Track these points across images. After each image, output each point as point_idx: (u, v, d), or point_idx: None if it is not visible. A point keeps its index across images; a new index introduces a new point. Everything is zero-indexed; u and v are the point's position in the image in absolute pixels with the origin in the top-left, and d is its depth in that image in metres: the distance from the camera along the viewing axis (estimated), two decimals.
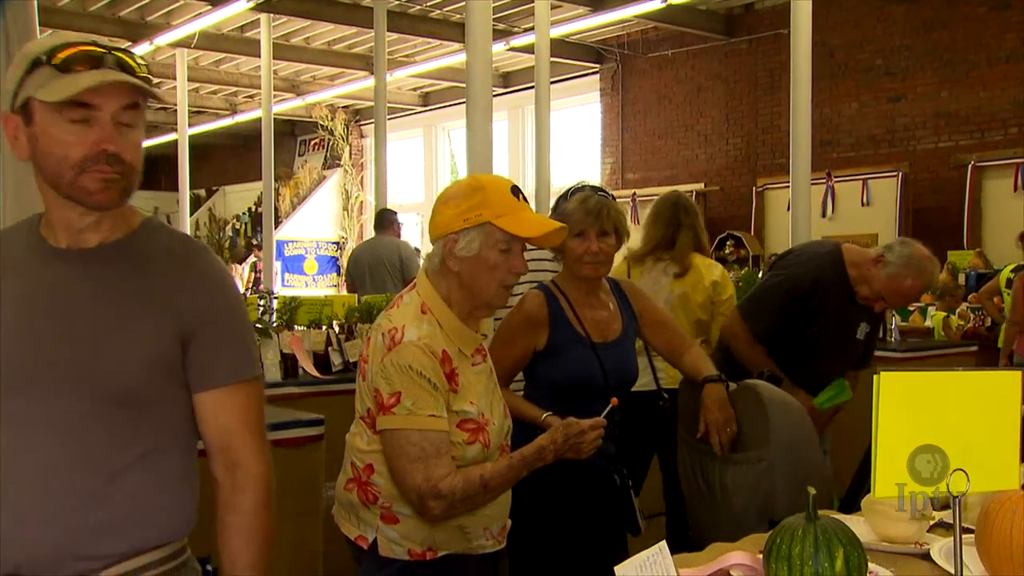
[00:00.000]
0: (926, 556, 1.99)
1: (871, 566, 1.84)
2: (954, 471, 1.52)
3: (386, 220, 8.01)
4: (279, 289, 12.72)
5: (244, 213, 18.75)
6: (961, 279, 9.27)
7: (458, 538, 2.29)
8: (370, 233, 9.60)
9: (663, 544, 1.65)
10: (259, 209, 15.98)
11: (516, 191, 2.33)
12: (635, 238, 3.62)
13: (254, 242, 16.72)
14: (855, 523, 2.17)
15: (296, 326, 4.66)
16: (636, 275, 4.24)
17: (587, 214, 2.91)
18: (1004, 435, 1.58)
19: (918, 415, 1.51)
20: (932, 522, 2.12)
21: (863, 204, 10.74)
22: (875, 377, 1.48)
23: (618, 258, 4.85)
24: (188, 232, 14.01)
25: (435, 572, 2.27)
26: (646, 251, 4.31)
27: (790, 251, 4.06)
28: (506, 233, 2.26)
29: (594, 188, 2.99)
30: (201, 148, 17.14)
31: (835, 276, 3.61)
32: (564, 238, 2.45)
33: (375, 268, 7.52)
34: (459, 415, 2.25)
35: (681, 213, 4.28)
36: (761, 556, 1.82)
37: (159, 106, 16.45)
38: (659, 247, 4.27)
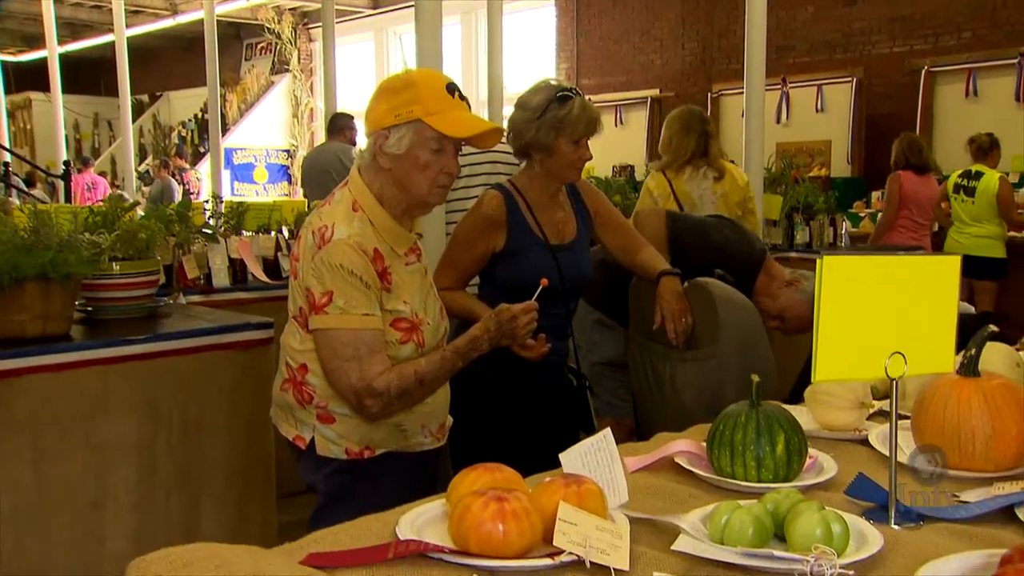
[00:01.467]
0: (864, 442, 2.04)
1: (812, 452, 1.88)
2: (892, 354, 1.53)
3: (336, 125, 7.81)
4: (228, 199, 12.46)
5: (190, 120, 18.19)
6: None
7: (395, 436, 2.30)
8: (321, 140, 9.41)
9: (607, 431, 1.67)
10: (205, 116, 15.53)
11: (452, 88, 2.26)
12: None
13: (201, 150, 16.31)
14: (798, 413, 2.21)
15: (244, 231, 4.58)
16: (679, 184, 4.76)
17: (590, 122, 2.86)
18: (941, 319, 1.60)
19: (859, 298, 1.52)
20: (872, 411, 2.17)
21: (817, 111, 10.74)
22: (818, 261, 1.48)
23: (653, 174, 4.99)
24: (131, 139, 13.61)
25: (373, 470, 2.28)
26: (684, 161, 4.79)
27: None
28: (437, 132, 2.21)
29: (570, 89, 2.92)
30: (142, 51, 16.53)
31: (741, 273, 3.43)
32: (498, 140, 2.40)
33: (323, 175, 7.35)
34: (392, 314, 2.24)
35: (706, 125, 4.87)
36: (705, 444, 1.85)
37: (92, 4, 15.80)
38: (695, 156, 4.77)
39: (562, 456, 1.66)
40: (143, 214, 3.85)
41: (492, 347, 2.34)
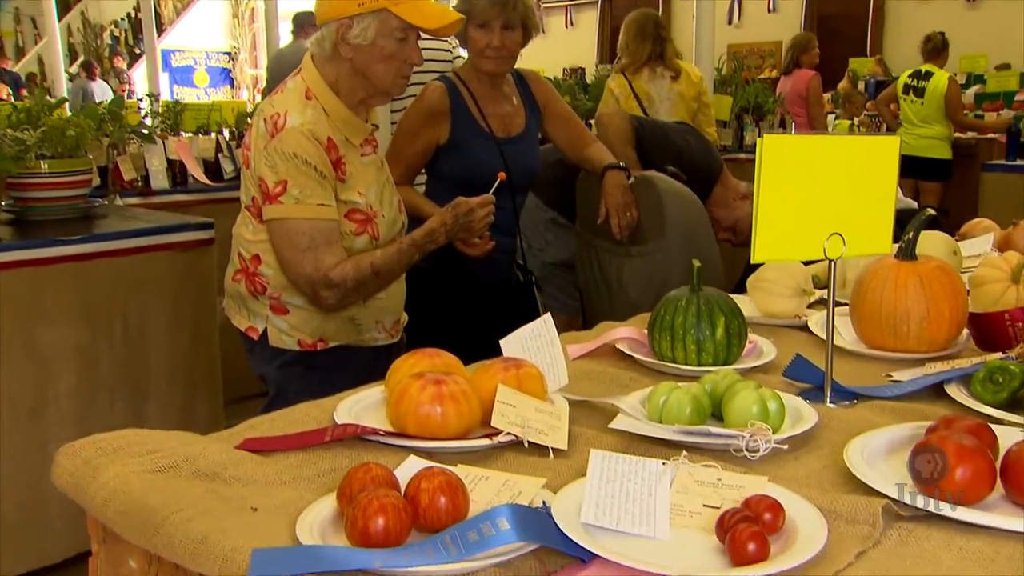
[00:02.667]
0: (804, 328, 2.06)
1: (753, 337, 1.89)
2: (831, 236, 1.53)
3: (302, 24, 7.46)
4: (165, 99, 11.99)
5: (122, 19, 17.38)
6: (861, 87, 9.38)
7: (349, 330, 2.29)
8: (264, 43, 9.09)
9: (547, 316, 1.66)
10: (139, 15, 14.83)
11: None
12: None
13: (136, 51, 15.66)
14: (741, 302, 2.23)
15: (183, 133, 4.44)
16: (639, 84, 5.02)
17: (492, 4, 2.77)
18: (880, 200, 1.59)
19: (798, 178, 1.51)
20: (812, 299, 2.18)
21: (769, 11, 10.64)
22: (758, 140, 1.46)
23: (614, 75, 5.15)
24: (59, 38, 12.95)
25: (325, 362, 2.27)
26: (642, 63, 5.05)
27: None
28: (403, 21, 2.14)
29: None
30: None
31: (698, 182, 3.44)
32: (459, 28, 2.33)
33: (284, 77, 7.09)
34: (347, 205, 2.19)
35: (661, 29, 5.13)
36: (646, 330, 1.85)
37: None
38: (651, 59, 5.04)
39: (503, 342, 1.65)
40: (72, 112, 3.71)
41: (449, 240, 2.32)
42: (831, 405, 1.58)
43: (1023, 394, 1.54)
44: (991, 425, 1.33)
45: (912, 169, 7.49)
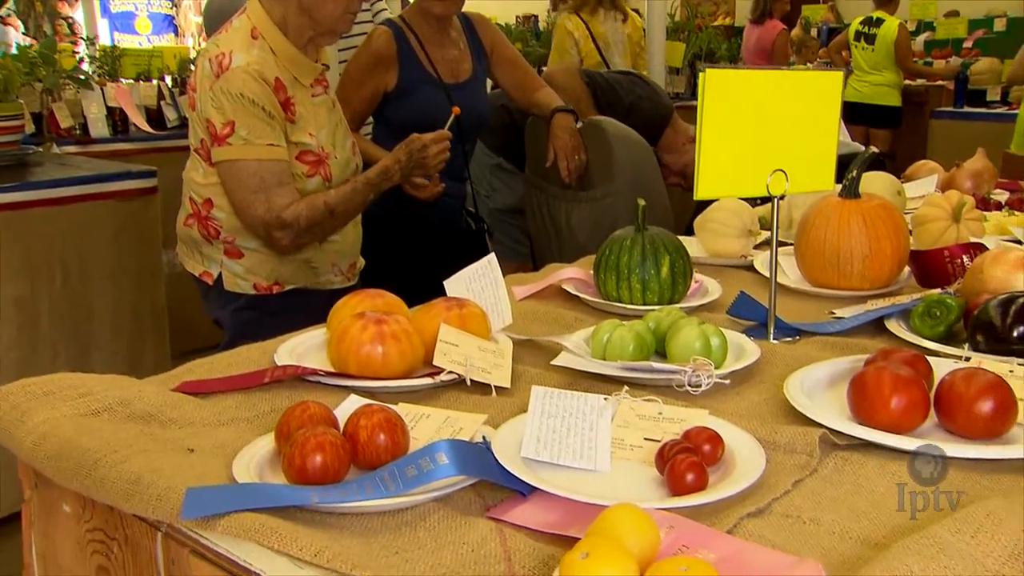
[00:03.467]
0: (750, 267, 2.07)
1: (698, 277, 1.90)
2: (774, 172, 1.53)
3: None
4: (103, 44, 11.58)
5: None
6: (814, 33, 9.40)
7: (305, 273, 2.26)
8: None
9: (492, 256, 1.64)
10: None
11: None
12: None
13: None
14: (688, 243, 2.23)
15: (123, 79, 4.31)
16: (595, 26, 5.01)
17: None
18: (823, 136, 1.59)
19: (741, 114, 1.50)
20: (759, 239, 2.19)
21: None
22: (701, 75, 1.45)
23: (569, 16, 5.08)
24: None
25: (280, 305, 2.24)
26: (595, 4, 5.04)
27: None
28: None
29: None
30: None
31: (648, 129, 3.36)
32: None
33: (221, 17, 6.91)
34: (298, 146, 2.15)
35: None
36: (592, 271, 1.84)
37: None
38: (602, 2, 5.06)
39: (447, 283, 1.63)
40: None
41: (404, 178, 2.27)
42: (774, 341, 1.60)
43: (959, 327, 1.57)
44: (928, 357, 1.35)
45: (863, 116, 7.55)
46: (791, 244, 1.99)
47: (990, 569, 0.91)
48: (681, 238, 2.10)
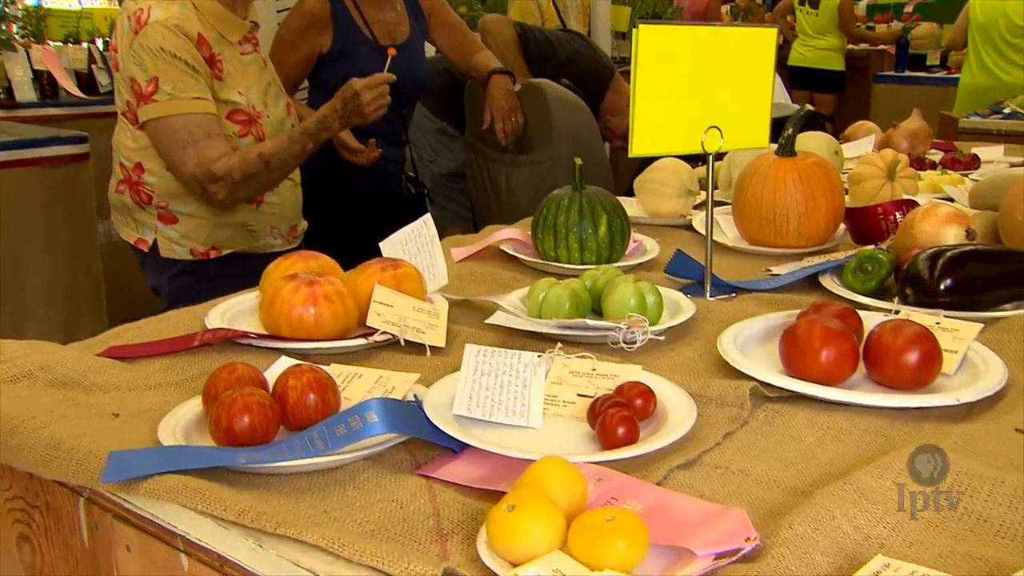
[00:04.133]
0: (689, 227, 2.07)
1: (637, 236, 1.90)
2: (708, 129, 1.53)
3: None
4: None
5: None
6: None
7: (243, 236, 2.22)
8: None
9: (427, 217, 1.63)
10: None
11: None
12: None
13: None
14: (628, 204, 2.23)
15: (50, 41, 4.17)
16: None
17: None
18: (757, 93, 1.59)
19: (675, 70, 1.49)
20: (698, 199, 2.20)
21: None
22: (634, 31, 1.44)
23: None
24: None
25: (219, 270, 2.20)
26: None
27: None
28: None
29: None
30: None
31: (588, 90, 3.36)
32: None
33: None
34: (227, 105, 2.11)
35: None
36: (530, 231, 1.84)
37: None
38: None
39: (383, 244, 1.61)
40: None
41: (344, 126, 2.20)
42: (711, 299, 1.60)
43: (891, 282, 1.59)
44: (859, 311, 1.36)
45: (807, 81, 7.61)
46: (731, 204, 2.00)
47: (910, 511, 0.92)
48: (622, 199, 2.10)
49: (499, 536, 0.83)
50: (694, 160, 2.18)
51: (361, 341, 1.34)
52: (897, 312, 1.40)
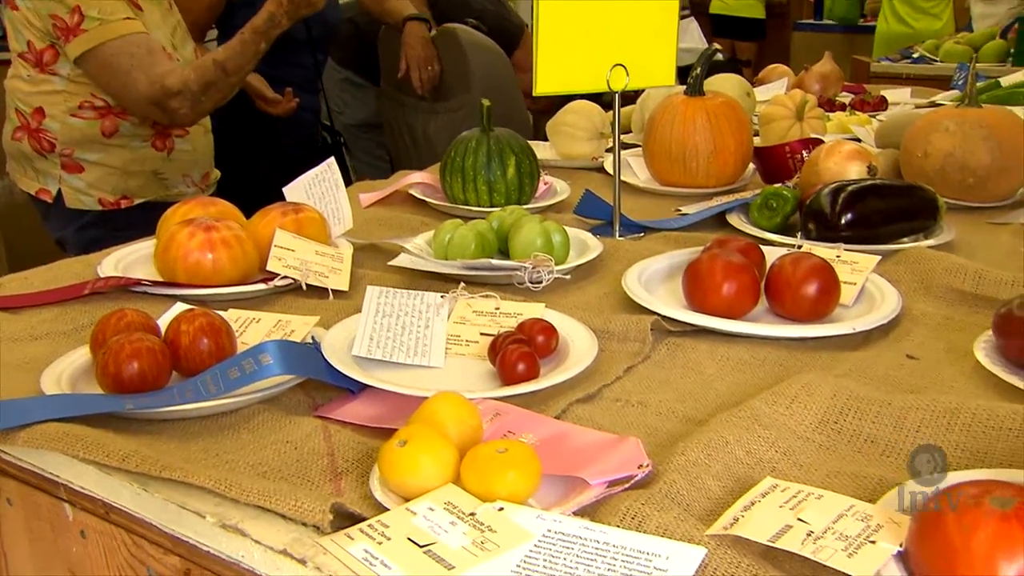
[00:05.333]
0: (601, 169, 2.07)
1: (548, 178, 1.89)
2: (614, 67, 1.52)
3: None
4: None
5: None
6: None
7: (154, 185, 2.15)
8: None
9: (331, 160, 1.59)
10: None
11: None
12: None
13: None
14: (541, 147, 2.22)
15: None
16: None
17: None
18: (662, 31, 1.58)
19: (579, 8, 1.47)
20: (611, 143, 2.19)
21: None
22: None
23: None
24: None
25: (131, 220, 2.12)
26: None
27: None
28: None
29: None
30: None
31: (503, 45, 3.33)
32: None
33: None
34: None
35: None
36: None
37: None
38: None
39: (286, 189, 1.58)
40: None
41: (292, 19, 2.08)
42: (620, 238, 1.60)
43: (796, 219, 1.61)
44: (765, 247, 1.38)
45: (729, 29, 7.66)
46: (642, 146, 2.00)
47: (801, 436, 0.94)
48: (536, 142, 2.08)
49: (391, 472, 0.82)
50: (607, 102, 2.18)
51: (261, 286, 1.31)
52: (800, 247, 1.42)
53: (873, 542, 0.72)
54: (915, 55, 4.04)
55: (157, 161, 2.12)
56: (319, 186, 1.56)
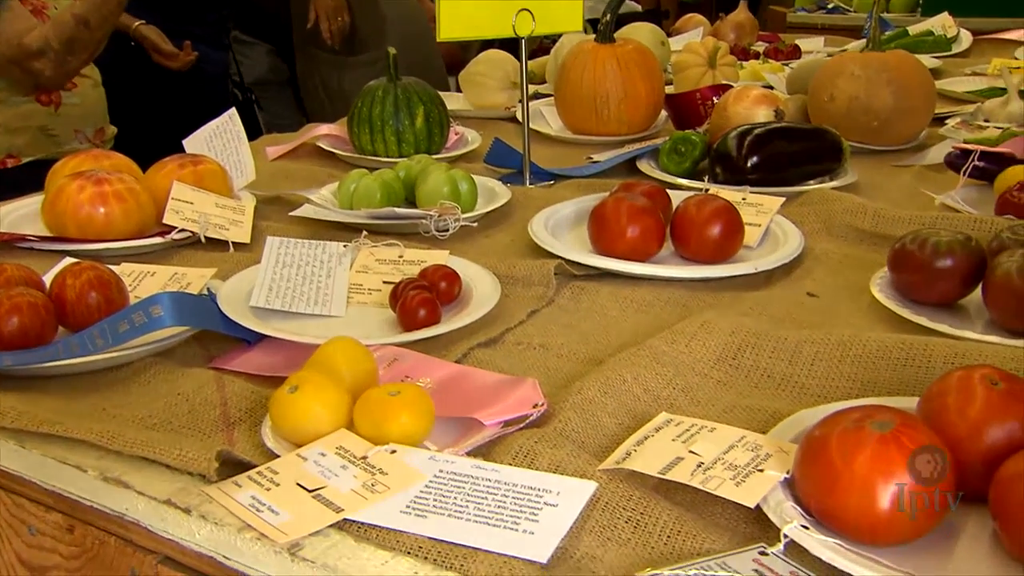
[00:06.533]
0: (514, 119, 2.05)
1: (460, 128, 1.87)
2: (519, 11, 1.49)
3: None
4: None
5: None
6: None
7: (44, 142, 2.07)
8: None
9: (232, 111, 1.55)
10: None
11: None
12: None
13: None
14: (455, 98, 2.19)
15: None
16: None
17: None
18: None
19: None
20: None
21: None
22: None
23: None
24: None
25: (18, 180, 2.03)
26: None
27: None
28: None
29: None
30: None
31: None
32: None
33: None
34: None
35: None
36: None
37: None
38: None
39: (186, 141, 1.53)
40: None
41: None
42: (530, 186, 1.59)
43: (705, 165, 1.61)
44: (673, 191, 1.38)
45: None
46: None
47: (700, 372, 0.95)
48: (450, 93, 2.06)
49: (282, 418, 0.80)
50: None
51: (158, 240, 1.27)
52: (707, 190, 1.42)
53: (761, 471, 0.73)
54: (830, 5, 4.09)
55: (43, 116, 2.04)
56: (220, 138, 1.52)
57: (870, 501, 0.66)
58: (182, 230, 1.28)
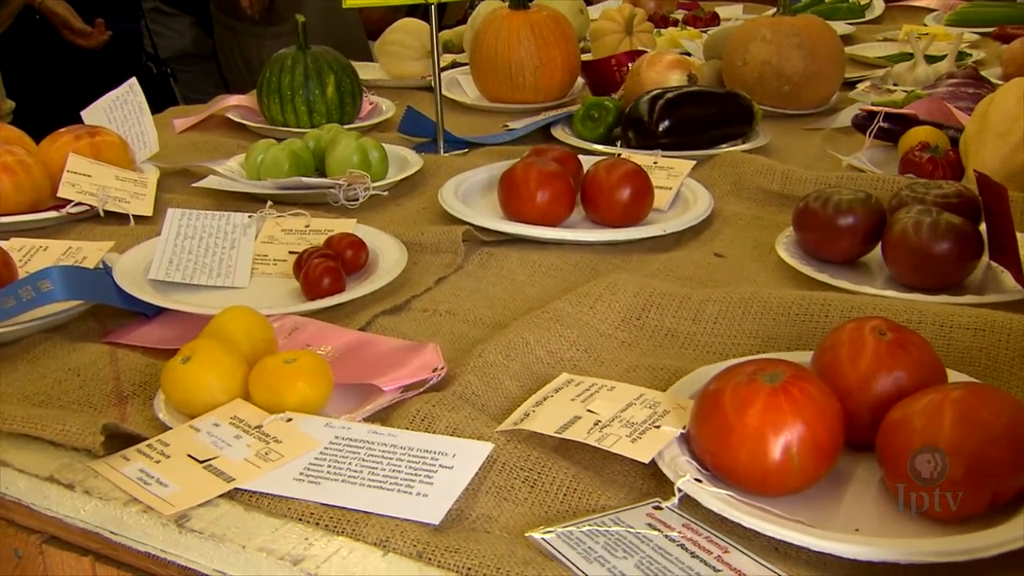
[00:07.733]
0: (431, 88, 2.02)
1: (374, 98, 1.84)
2: None
3: None
4: None
5: None
6: None
7: None
8: None
9: (133, 81, 1.50)
10: None
11: None
12: None
13: None
14: (371, 68, 2.16)
15: None
16: None
17: None
18: None
19: None
20: (443, 63, 2.15)
21: None
22: None
23: None
24: None
25: None
26: None
27: None
28: None
29: None
30: None
31: None
32: None
33: None
34: None
35: None
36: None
37: None
38: None
39: (84, 112, 1.48)
40: None
41: None
42: (444, 155, 1.58)
43: (619, 131, 1.61)
44: (585, 157, 1.37)
45: None
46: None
47: (604, 333, 0.94)
48: (366, 63, 2.02)
49: (173, 390, 0.78)
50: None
51: (52, 214, 1.23)
52: (619, 155, 1.42)
53: (658, 427, 0.73)
54: None
55: None
56: (121, 109, 1.47)
57: (761, 452, 0.66)
58: (79, 204, 1.24)
